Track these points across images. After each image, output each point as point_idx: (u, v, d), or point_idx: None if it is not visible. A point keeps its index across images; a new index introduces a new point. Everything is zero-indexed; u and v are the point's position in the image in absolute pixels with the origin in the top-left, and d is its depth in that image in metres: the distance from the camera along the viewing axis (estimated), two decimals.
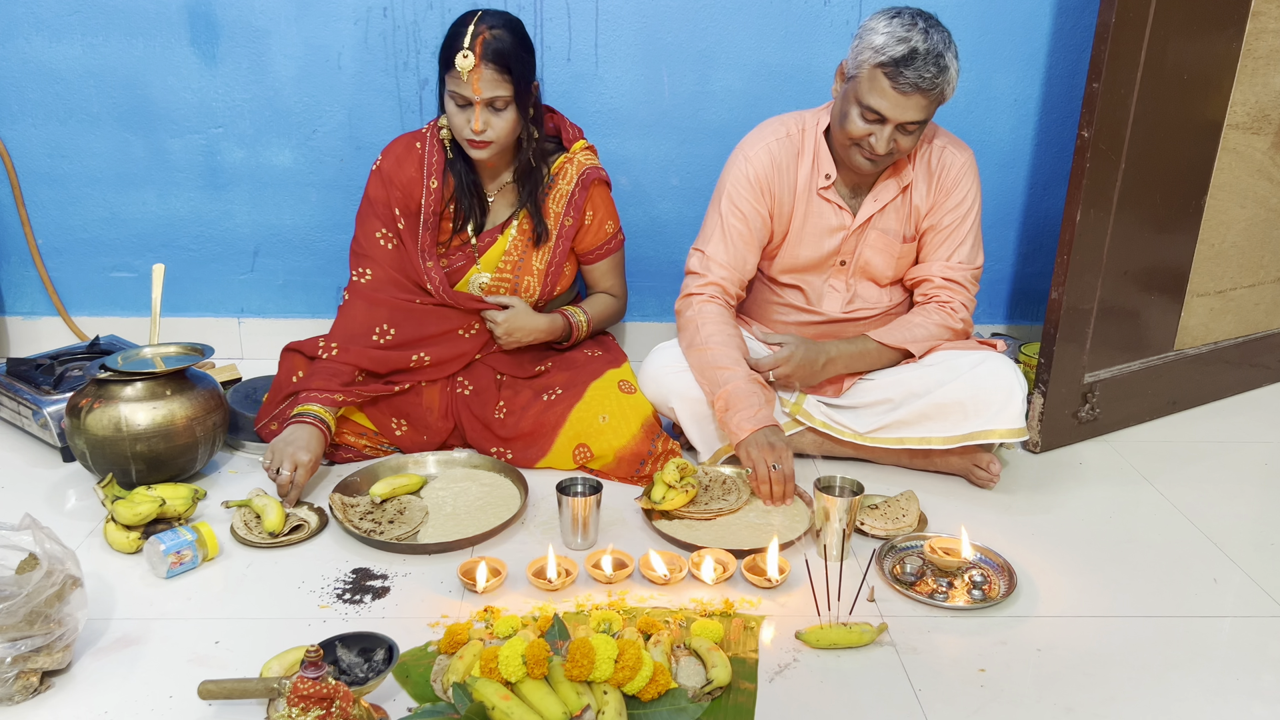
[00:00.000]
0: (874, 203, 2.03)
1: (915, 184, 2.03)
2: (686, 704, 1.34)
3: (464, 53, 1.85)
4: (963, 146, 2.05)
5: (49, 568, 1.36)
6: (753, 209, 2.01)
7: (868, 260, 2.08)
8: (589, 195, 2.13)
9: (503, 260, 2.11)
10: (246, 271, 2.60)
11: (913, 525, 1.82)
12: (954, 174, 2.02)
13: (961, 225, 2.04)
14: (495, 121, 1.93)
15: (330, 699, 1.17)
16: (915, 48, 1.76)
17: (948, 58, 1.79)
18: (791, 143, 2.01)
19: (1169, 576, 1.73)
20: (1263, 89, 2.20)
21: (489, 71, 1.87)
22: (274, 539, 1.75)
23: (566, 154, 2.12)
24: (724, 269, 2.03)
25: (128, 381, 1.86)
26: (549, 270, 2.13)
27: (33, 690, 1.35)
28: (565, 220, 2.12)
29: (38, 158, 2.46)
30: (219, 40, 2.38)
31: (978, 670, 1.46)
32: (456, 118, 1.94)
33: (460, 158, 2.06)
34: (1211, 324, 2.43)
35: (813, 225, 2.05)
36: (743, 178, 2.01)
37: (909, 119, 1.82)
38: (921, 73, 1.77)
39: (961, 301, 2.07)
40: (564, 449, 2.02)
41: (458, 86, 1.89)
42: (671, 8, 2.40)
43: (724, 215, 2.03)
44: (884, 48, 1.78)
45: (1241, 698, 1.43)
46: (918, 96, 1.80)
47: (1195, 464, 2.18)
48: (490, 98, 1.89)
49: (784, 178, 2.01)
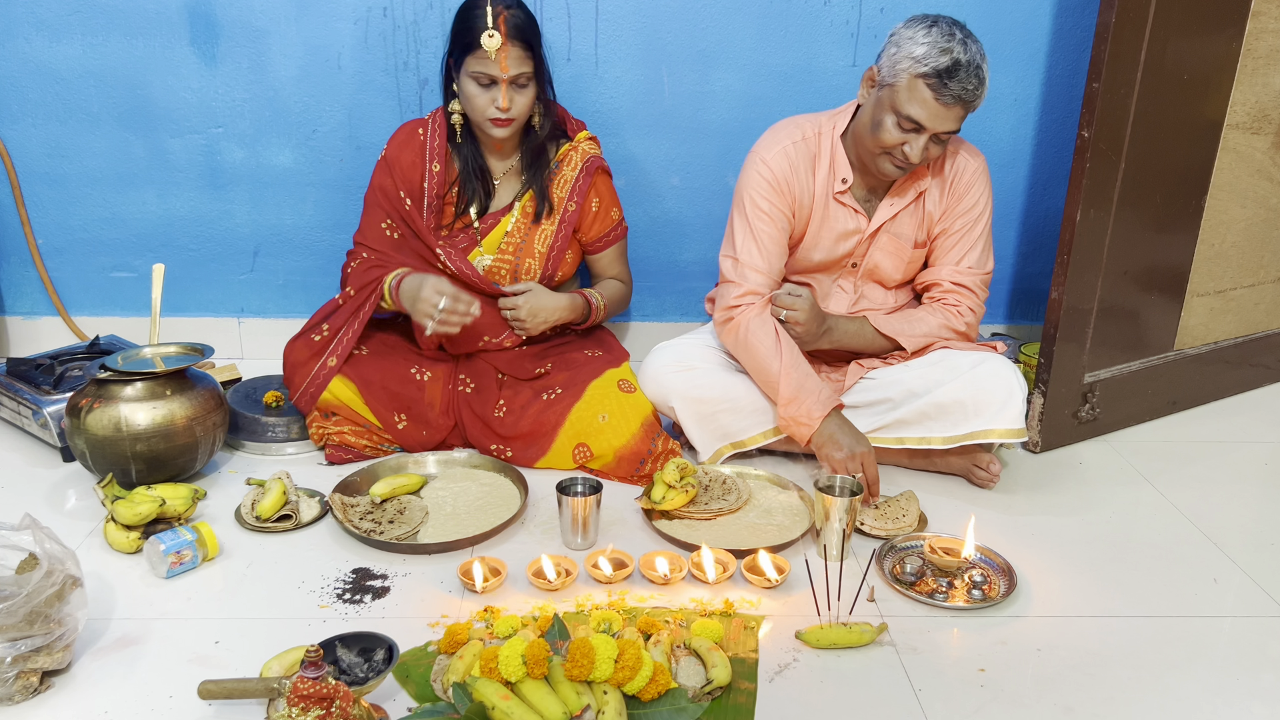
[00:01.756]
0: (889, 207, 2.02)
1: (930, 189, 2.03)
2: (686, 704, 1.34)
3: (489, 32, 1.90)
4: (976, 152, 2.05)
5: (49, 568, 1.36)
6: (776, 209, 2.00)
7: (877, 263, 2.09)
8: (593, 182, 2.16)
9: (504, 241, 2.13)
10: (246, 271, 2.60)
11: (913, 525, 1.82)
12: (967, 179, 2.02)
13: (972, 230, 2.04)
14: (518, 99, 1.99)
15: (330, 699, 1.17)
16: (958, 59, 1.77)
17: (985, 69, 1.81)
18: (808, 146, 2.00)
19: (1169, 576, 1.73)
20: (1263, 89, 2.20)
21: (515, 49, 1.93)
22: (260, 524, 1.79)
23: (571, 142, 2.16)
24: (759, 274, 2.01)
25: (128, 381, 1.86)
26: (550, 253, 2.14)
27: (33, 690, 1.35)
28: (569, 205, 2.14)
29: (38, 158, 2.46)
30: (219, 40, 2.38)
31: (978, 670, 1.46)
32: (479, 99, 1.98)
33: (469, 141, 2.09)
34: (1211, 324, 2.43)
35: (828, 229, 2.05)
36: (762, 180, 1.99)
37: (946, 129, 1.83)
38: (965, 84, 1.78)
39: (969, 306, 2.07)
40: (564, 448, 2.02)
41: (483, 66, 1.93)
42: (671, 8, 2.40)
43: (750, 219, 2.00)
44: (925, 58, 1.77)
45: (1241, 698, 1.43)
46: (958, 108, 1.81)
47: (1195, 464, 2.18)
48: (516, 75, 1.95)
49: (801, 181, 2.01)
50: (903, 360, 2.06)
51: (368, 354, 2.09)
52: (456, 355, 2.15)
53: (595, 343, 2.24)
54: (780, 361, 1.94)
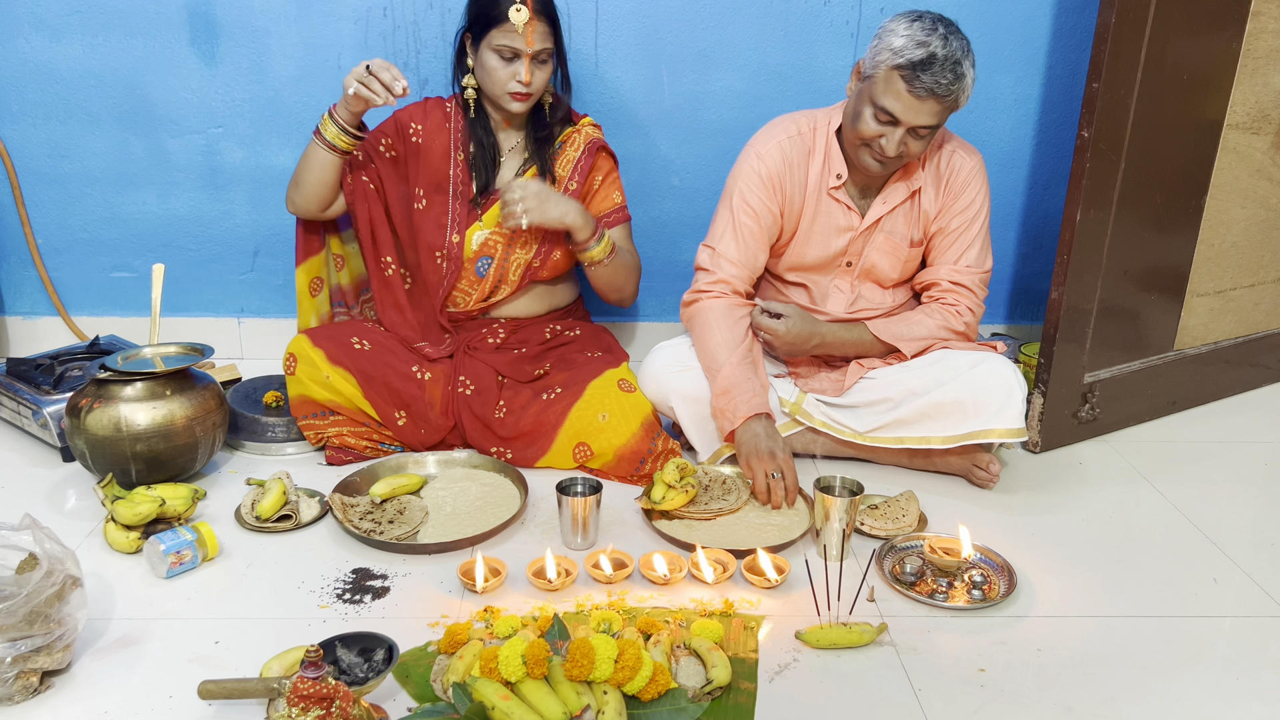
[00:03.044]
0: (883, 205, 2.03)
1: (924, 188, 2.03)
2: (686, 704, 1.34)
3: (517, 6, 1.94)
4: (972, 151, 2.05)
5: (49, 568, 1.36)
6: (764, 206, 2.02)
7: (873, 263, 2.09)
8: (594, 162, 2.19)
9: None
10: (246, 271, 2.60)
11: (913, 525, 1.82)
12: (963, 177, 2.02)
13: (970, 229, 2.04)
14: (539, 74, 2.03)
15: (330, 699, 1.17)
16: (934, 53, 1.77)
17: (965, 65, 1.80)
18: (803, 141, 2.02)
19: (1169, 576, 1.73)
20: (1263, 89, 2.20)
21: (541, 25, 1.98)
22: (260, 524, 1.79)
23: (574, 125, 2.20)
24: (734, 266, 2.04)
25: (128, 381, 1.86)
26: (547, 230, 2.14)
27: (33, 690, 1.35)
28: (569, 185, 2.16)
29: (38, 158, 2.46)
30: (219, 40, 2.38)
31: (978, 670, 1.46)
32: (501, 72, 2.02)
33: (480, 116, 2.14)
34: (1211, 324, 2.43)
35: (821, 225, 2.05)
36: (754, 175, 2.01)
37: (921, 123, 1.83)
38: (938, 78, 1.77)
39: (968, 305, 2.06)
40: (564, 448, 2.02)
41: (508, 40, 1.97)
42: (671, 8, 2.40)
43: (735, 212, 2.03)
44: (902, 50, 1.78)
45: (1241, 698, 1.43)
46: (932, 101, 1.80)
47: (1195, 464, 2.18)
48: (539, 50, 2.00)
49: (795, 176, 2.02)
50: (902, 361, 2.06)
51: (370, 349, 2.08)
52: (453, 353, 2.15)
53: (595, 343, 2.24)
54: (731, 355, 1.96)
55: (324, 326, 2.21)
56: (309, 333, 2.10)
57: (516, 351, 2.17)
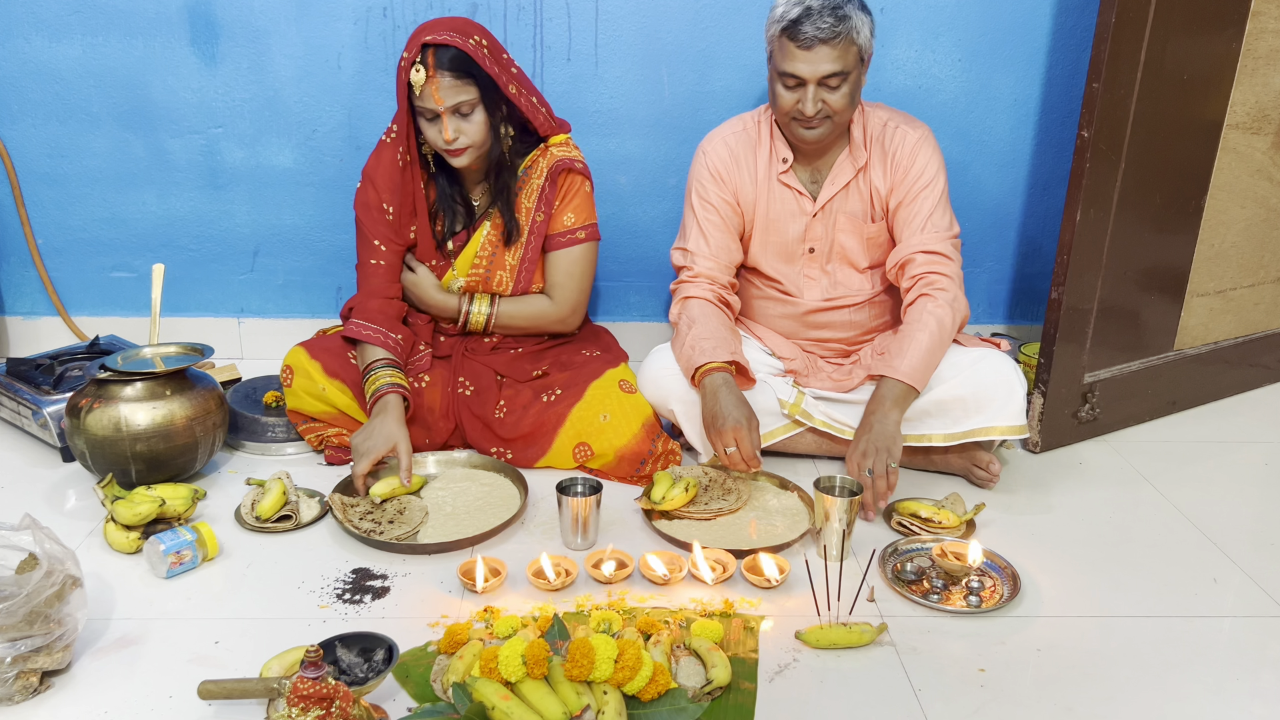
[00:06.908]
0: (832, 186, 2.05)
1: (871, 165, 2.05)
2: (686, 704, 1.34)
3: (416, 67, 1.89)
4: (916, 123, 2.06)
5: (49, 568, 1.37)
6: (719, 198, 2.07)
7: (841, 245, 2.10)
8: (557, 187, 2.11)
9: (476, 258, 2.13)
10: (246, 271, 2.60)
11: (960, 530, 1.83)
12: (908, 149, 2.03)
13: (929, 195, 2.02)
14: (466, 127, 1.94)
15: (330, 699, 1.17)
16: (810, 6, 1.84)
17: (848, 8, 1.85)
18: (748, 135, 2.08)
19: (1169, 576, 1.73)
20: (1263, 89, 2.20)
21: (446, 78, 1.89)
22: (260, 524, 1.79)
23: (540, 147, 2.11)
24: (708, 260, 2.07)
25: (127, 381, 1.86)
26: (521, 266, 2.14)
27: (33, 690, 1.35)
28: (536, 216, 2.11)
29: (38, 158, 2.46)
30: (219, 40, 2.38)
31: (978, 670, 1.46)
32: (429, 132, 1.97)
33: (442, 170, 2.09)
34: (1211, 324, 2.43)
35: (777, 211, 2.08)
36: (704, 170, 2.08)
37: (824, 72, 1.86)
38: (818, 24, 1.83)
39: (942, 272, 1.98)
40: (564, 448, 2.02)
41: (423, 102, 1.92)
42: (671, 8, 2.40)
43: (696, 209, 2.09)
44: (783, 15, 1.87)
45: (1241, 698, 1.43)
46: (823, 48, 1.84)
47: (1195, 464, 2.18)
48: (455, 104, 1.91)
49: (743, 167, 2.07)
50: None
51: None
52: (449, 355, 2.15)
53: (593, 342, 2.24)
54: (709, 339, 1.96)
55: (322, 338, 2.18)
56: (306, 344, 2.10)
57: (513, 351, 2.17)
